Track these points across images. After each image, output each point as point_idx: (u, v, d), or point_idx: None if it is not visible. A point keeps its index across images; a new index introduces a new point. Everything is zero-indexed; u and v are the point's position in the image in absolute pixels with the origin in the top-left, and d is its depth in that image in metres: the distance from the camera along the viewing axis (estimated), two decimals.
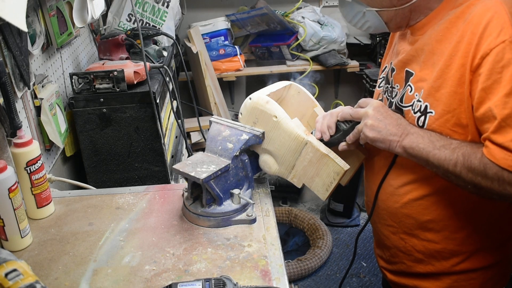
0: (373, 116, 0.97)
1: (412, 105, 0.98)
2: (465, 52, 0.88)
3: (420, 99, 0.96)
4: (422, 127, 0.96)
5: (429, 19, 0.98)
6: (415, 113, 0.98)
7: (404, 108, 1.01)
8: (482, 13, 0.86)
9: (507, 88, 0.82)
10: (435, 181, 0.99)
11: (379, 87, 1.18)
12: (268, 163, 1.11)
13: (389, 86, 1.10)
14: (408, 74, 1.01)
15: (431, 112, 0.94)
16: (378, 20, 1.01)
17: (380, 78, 1.18)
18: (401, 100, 1.02)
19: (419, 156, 0.93)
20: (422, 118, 0.96)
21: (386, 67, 1.17)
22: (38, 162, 1.07)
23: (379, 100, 1.13)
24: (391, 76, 1.08)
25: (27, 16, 1.29)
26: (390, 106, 1.08)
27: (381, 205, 1.11)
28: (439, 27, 0.95)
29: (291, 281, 2.39)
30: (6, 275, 0.77)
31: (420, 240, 1.07)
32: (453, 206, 1.01)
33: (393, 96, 1.07)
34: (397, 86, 1.06)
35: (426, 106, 0.95)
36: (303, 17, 2.87)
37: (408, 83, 1.01)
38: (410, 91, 0.99)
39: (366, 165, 1.19)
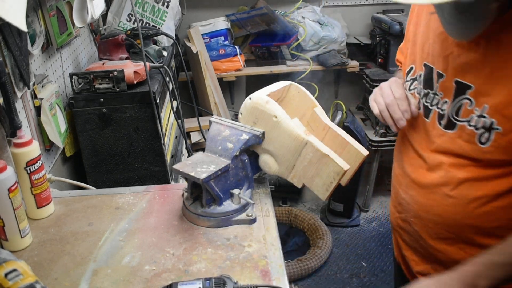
0: None
1: (469, 120, 0.94)
2: None
3: (485, 115, 0.91)
4: (484, 143, 0.92)
5: (501, 22, 0.86)
6: (477, 129, 0.93)
7: (459, 123, 0.96)
8: None
9: None
10: (502, 182, 0.94)
11: (410, 89, 1.10)
12: (268, 163, 1.11)
13: (430, 91, 1.04)
14: (463, 86, 0.95)
15: (498, 129, 0.89)
16: (489, 16, 0.85)
17: (408, 80, 1.11)
18: (457, 114, 0.97)
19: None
20: (486, 134, 0.91)
21: (412, 68, 1.09)
22: (38, 162, 1.07)
23: (416, 104, 1.07)
24: (437, 82, 1.01)
25: (27, 16, 1.29)
26: (427, 113, 1.03)
27: (435, 219, 1.05)
28: None
29: (291, 281, 2.39)
30: (6, 275, 0.77)
31: (482, 247, 0.99)
32: None
33: (435, 103, 1.02)
34: (440, 94, 1.01)
35: (491, 123, 0.90)
36: (303, 17, 2.87)
37: (464, 96, 0.94)
38: (470, 105, 0.93)
39: (399, 179, 1.13)
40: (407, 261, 1.21)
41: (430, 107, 1.04)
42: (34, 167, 1.06)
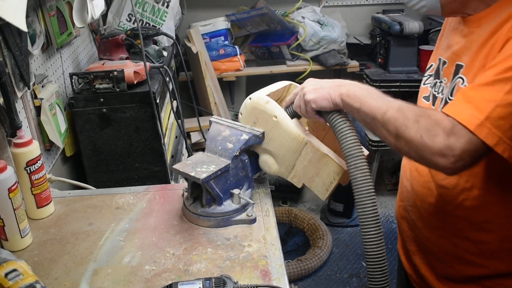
0: (308, 85, 0.99)
1: None
2: (507, 29, 0.86)
3: (466, 83, 0.94)
4: None
5: (488, 13, 0.94)
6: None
7: (450, 101, 0.98)
8: None
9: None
10: (491, 179, 0.95)
11: (424, 84, 1.15)
12: (268, 163, 1.11)
13: (438, 80, 1.08)
14: (458, 67, 0.99)
15: None
16: (434, 1, 0.98)
17: (426, 76, 1.16)
18: (451, 94, 0.99)
19: (353, 103, 0.93)
20: None
21: (432, 65, 1.14)
22: (38, 162, 1.07)
23: (425, 96, 1.12)
24: (442, 69, 1.06)
25: (27, 16, 1.29)
26: (434, 100, 1.06)
27: (428, 208, 1.07)
28: (497, 19, 0.90)
29: (291, 281, 2.39)
30: (6, 275, 0.77)
31: (474, 243, 1.01)
32: (507, 202, 0.96)
33: (440, 90, 1.05)
34: (444, 80, 1.04)
35: None
36: (303, 17, 2.87)
37: (458, 76, 0.97)
38: (462, 83, 0.96)
39: (406, 168, 1.15)
40: (408, 252, 1.22)
41: (437, 95, 1.06)
42: (34, 167, 1.06)
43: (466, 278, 1.06)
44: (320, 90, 0.96)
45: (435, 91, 1.08)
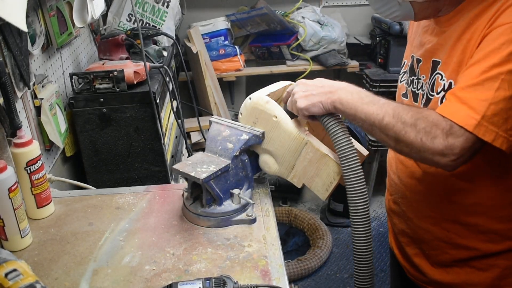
0: (298, 90, 1.00)
1: (440, 92, 0.98)
2: (483, 25, 0.89)
3: (444, 78, 0.97)
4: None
5: (458, 11, 0.98)
6: (438, 94, 0.97)
7: (432, 97, 1.01)
8: None
9: (496, 58, 0.83)
10: (479, 163, 0.97)
11: (400, 81, 1.19)
12: (268, 163, 1.11)
13: (414, 77, 1.10)
14: (435, 63, 1.01)
15: None
16: (408, 10, 1.00)
17: (401, 74, 1.20)
18: (432, 89, 1.01)
19: (347, 111, 0.94)
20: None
21: (405, 62, 1.18)
22: (38, 162, 1.07)
23: (403, 93, 1.15)
24: (417, 67, 1.09)
25: (27, 16, 1.29)
26: (416, 97, 1.08)
27: (418, 197, 1.09)
28: (469, 15, 0.94)
29: (291, 281, 2.39)
30: (6, 275, 0.77)
31: (465, 226, 1.04)
32: (496, 185, 0.99)
33: (420, 87, 1.07)
34: (422, 76, 1.06)
35: (450, 84, 0.95)
36: (303, 17, 2.88)
37: (436, 72, 1.00)
38: (441, 79, 0.99)
39: (391, 162, 1.18)
40: (400, 245, 1.23)
41: (417, 92, 1.09)
42: (34, 167, 1.06)
43: (459, 261, 1.08)
44: (311, 98, 0.97)
45: (413, 88, 1.11)
